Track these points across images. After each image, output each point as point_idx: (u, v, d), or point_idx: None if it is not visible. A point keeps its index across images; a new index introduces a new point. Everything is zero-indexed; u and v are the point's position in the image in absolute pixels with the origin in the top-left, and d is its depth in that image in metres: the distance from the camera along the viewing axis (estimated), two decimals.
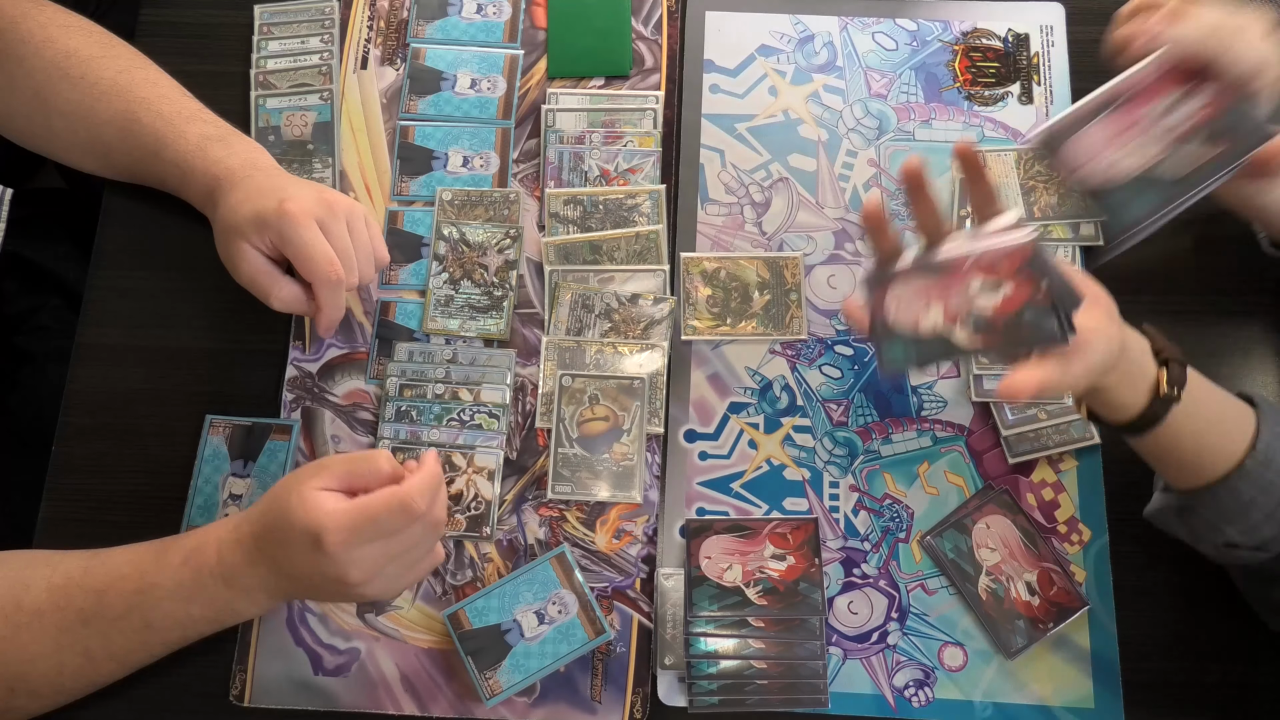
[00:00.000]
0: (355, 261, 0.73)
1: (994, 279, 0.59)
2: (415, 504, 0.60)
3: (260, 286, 0.73)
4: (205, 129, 0.76)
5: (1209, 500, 0.63)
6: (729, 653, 0.72)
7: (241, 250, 0.72)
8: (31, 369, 0.96)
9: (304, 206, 0.71)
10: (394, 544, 0.62)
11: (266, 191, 0.72)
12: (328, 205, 0.72)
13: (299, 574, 0.63)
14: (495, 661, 0.72)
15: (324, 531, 0.60)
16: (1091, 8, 0.90)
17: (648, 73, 0.88)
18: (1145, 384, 0.62)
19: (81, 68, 0.77)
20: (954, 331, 0.60)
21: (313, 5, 0.90)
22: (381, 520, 0.61)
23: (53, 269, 0.99)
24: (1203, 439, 0.63)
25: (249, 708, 0.72)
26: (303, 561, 0.62)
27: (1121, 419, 0.64)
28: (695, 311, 0.81)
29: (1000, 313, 0.59)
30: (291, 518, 0.61)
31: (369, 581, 0.63)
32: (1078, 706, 0.72)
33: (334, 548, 0.60)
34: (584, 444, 0.78)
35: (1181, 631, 0.74)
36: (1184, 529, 0.67)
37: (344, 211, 0.73)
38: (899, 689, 0.73)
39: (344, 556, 0.61)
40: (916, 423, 0.79)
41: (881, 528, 0.76)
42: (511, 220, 0.84)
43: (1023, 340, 0.59)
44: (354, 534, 0.60)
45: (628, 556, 0.76)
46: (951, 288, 0.61)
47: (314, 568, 0.62)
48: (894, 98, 0.88)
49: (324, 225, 0.71)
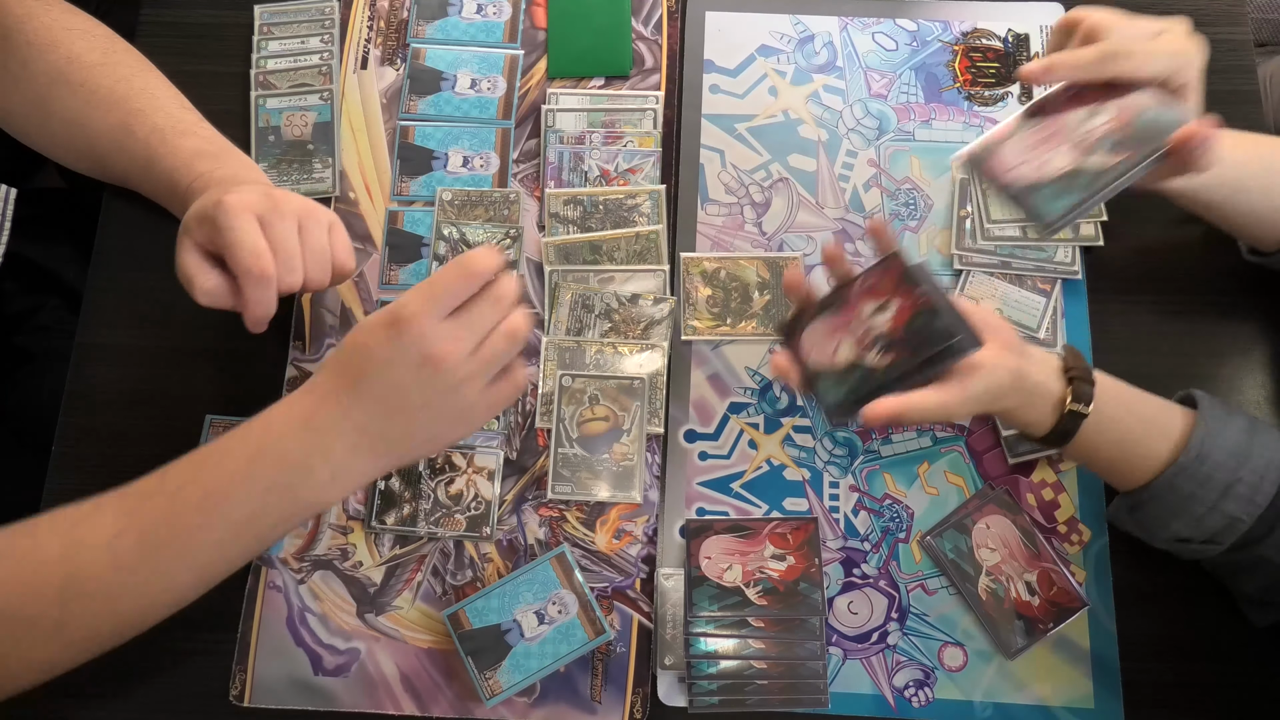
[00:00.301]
0: (300, 262, 0.68)
1: (880, 299, 0.64)
2: (474, 263, 0.62)
3: (186, 277, 0.68)
4: (199, 144, 0.75)
5: (1151, 497, 0.66)
6: (729, 653, 0.72)
7: (181, 245, 0.69)
8: (31, 369, 0.96)
9: (243, 200, 0.66)
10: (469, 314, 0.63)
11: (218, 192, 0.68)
12: (273, 202, 0.68)
13: (384, 382, 0.62)
14: (495, 662, 0.72)
15: (397, 309, 0.62)
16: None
17: (648, 73, 0.88)
18: (1049, 402, 0.66)
19: (82, 74, 0.76)
20: (866, 358, 0.64)
21: (313, 5, 0.90)
22: (448, 282, 0.62)
23: (53, 269, 0.99)
24: (1126, 444, 0.67)
25: (249, 708, 0.73)
26: (385, 357, 0.62)
27: (1035, 435, 0.68)
28: (695, 311, 0.81)
29: (896, 327, 0.63)
30: (363, 326, 0.63)
31: (458, 357, 0.62)
32: (1078, 706, 0.72)
33: (411, 318, 0.61)
34: (584, 444, 0.78)
35: (1181, 631, 0.74)
36: (1136, 526, 0.70)
37: (294, 211, 0.69)
38: (899, 689, 0.73)
39: (424, 328, 0.61)
40: None
41: (881, 528, 0.76)
42: (511, 220, 0.84)
43: (925, 345, 0.62)
44: (426, 299, 0.62)
45: (628, 556, 0.76)
46: (849, 319, 0.66)
47: (397, 358, 0.62)
48: (894, 98, 0.88)
49: (265, 221, 0.67)
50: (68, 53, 0.76)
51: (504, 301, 0.64)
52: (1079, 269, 0.81)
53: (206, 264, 0.69)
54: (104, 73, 0.77)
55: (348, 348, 0.64)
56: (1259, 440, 0.65)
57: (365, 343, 0.63)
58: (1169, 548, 0.69)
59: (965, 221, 0.83)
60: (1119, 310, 0.81)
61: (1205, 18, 0.89)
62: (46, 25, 0.77)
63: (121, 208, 0.85)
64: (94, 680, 0.73)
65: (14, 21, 0.76)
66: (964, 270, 0.81)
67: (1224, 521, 0.64)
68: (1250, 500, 0.63)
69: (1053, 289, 0.80)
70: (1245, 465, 0.64)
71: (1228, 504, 0.64)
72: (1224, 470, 0.64)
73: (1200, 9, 0.89)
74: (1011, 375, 0.65)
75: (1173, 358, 0.79)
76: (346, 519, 0.77)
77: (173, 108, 0.77)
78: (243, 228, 0.66)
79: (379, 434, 0.64)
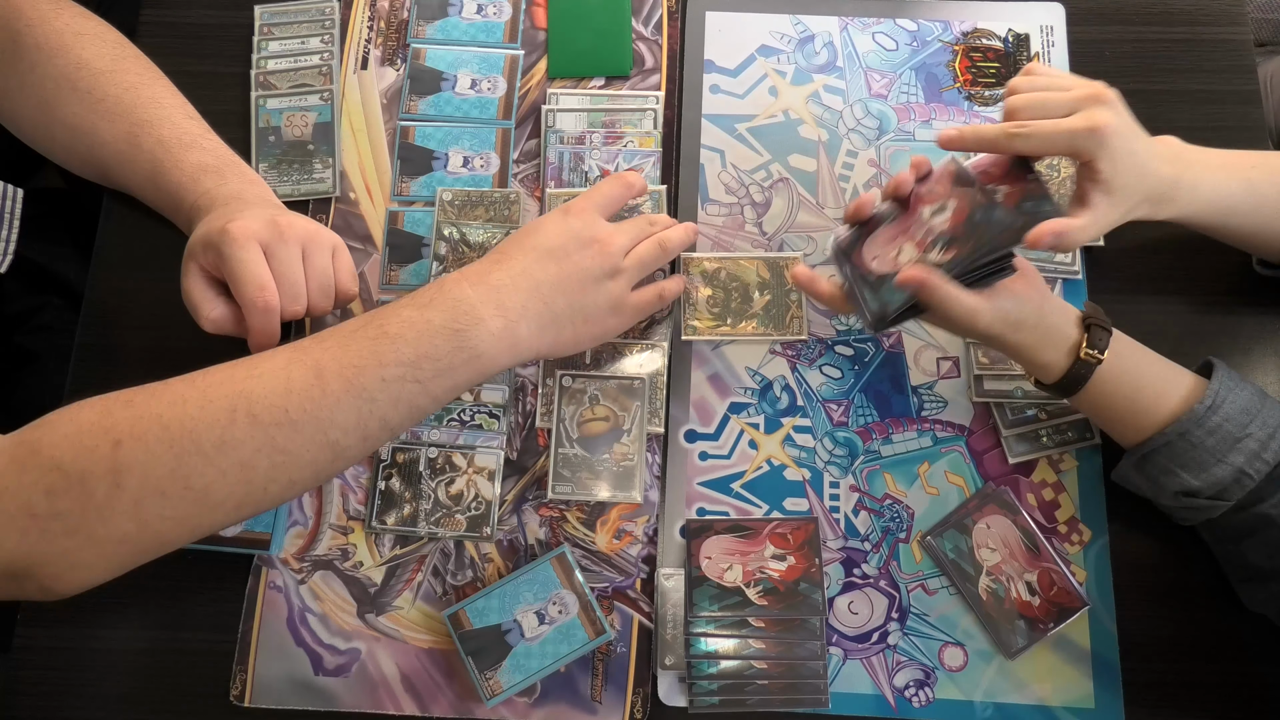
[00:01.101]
0: (303, 290, 0.70)
1: (938, 202, 0.69)
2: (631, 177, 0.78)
3: (192, 304, 0.70)
4: (203, 157, 0.75)
5: (1162, 446, 0.68)
6: (729, 653, 0.72)
7: (187, 270, 0.70)
8: (33, 368, 0.97)
9: (248, 228, 0.68)
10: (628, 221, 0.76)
11: (223, 215, 0.70)
12: (278, 230, 0.69)
13: (558, 252, 0.70)
14: (496, 662, 0.72)
15: (569, 205, 0.74)
16: (1091, 8, 0.90)
17: (648, 73, 0.89)
18: (1064, 346, 0.69)
19: (89, 81, 0.76)
20: (929, 257, 0.68)
21: (313, 5, 0.90)
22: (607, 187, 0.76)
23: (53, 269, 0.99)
24: (1139, 394, 0.69)
25: (249, 708, 0.73)
26: (559, 234, 0.71)
27: (1049, 379, 0.70)
28: (695, 311, 0.81)
29: (954, 224, 0.68)
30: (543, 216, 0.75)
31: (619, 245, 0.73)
32: (1078, 706, 0.72)
33: (582, 209, 0.73)
34: (584, 444, 0.78)
35: (1181, 631, 0.74)
36: (1144, 480, 0.71)
37: (299, 238, 0.70)
38: (899, 689, 0.73)
39: (593, 218, 0.73)
40: (917, 423, 0.79)
41: (882, 528, 0.76)
42: (512, 221, 0.84)
43: (985, 238, 0.66)
44: (591, 200, 0.75)
45: (628, 557, 0.76)
46: (910, 224, 0.70)
47: (569, 236, 0.71)
48: (894, 98, 0.88)
49: (269, 249, 0.69)
50: (76, 58, 0.76)
51: (657, 222, 0.77)
52: (1079, 269, 0.81)
53: (212, 291, 0.71)
54: (111, 80, 0.76)
55: (523, 229, 0.73)
56: (1270, 404, 0.67)
57: (541, 222, 0.72)
58: (1176, 506, 0.70)
59: None
60: (1119, 310, 0.80)
61: (1205, 18, 0.89)
62: (57, 30, 0.77)
63: (122, 208, 0.85)
64: (95, 680, 0.73)
65: (24, 25, 0.76)
66: None
67: (1232, 475, 0.66)
68: (1258, 456, 0.66)
69: (1053, 289, 0.80)
70: (1255, 421, 0.66)
71: (1236, 457, 0.66)
72: (1234, 424, 0.66)
73: (1200, 9, 0.89)
74: (1036, 309, 0.69)
75: (1173, 358, 0.79)
76: (347, 519, 0.77)
77: (179, 118, 0.77)
78: (248, 258, 0.68)
79: (548, 298, 0.70)
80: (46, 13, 0.77)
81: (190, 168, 0.74)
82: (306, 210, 0.85)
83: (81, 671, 0.72)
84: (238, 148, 0.84)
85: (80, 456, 0.57)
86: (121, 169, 0.76)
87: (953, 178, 0.70)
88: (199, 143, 0.76)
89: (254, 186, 0.75)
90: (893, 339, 0.81)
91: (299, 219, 0.72)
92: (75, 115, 0.76)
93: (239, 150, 0.85)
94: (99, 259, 0.84)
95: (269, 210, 0.72)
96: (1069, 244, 0.67)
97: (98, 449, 0.57)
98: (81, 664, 0.71)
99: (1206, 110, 0.85)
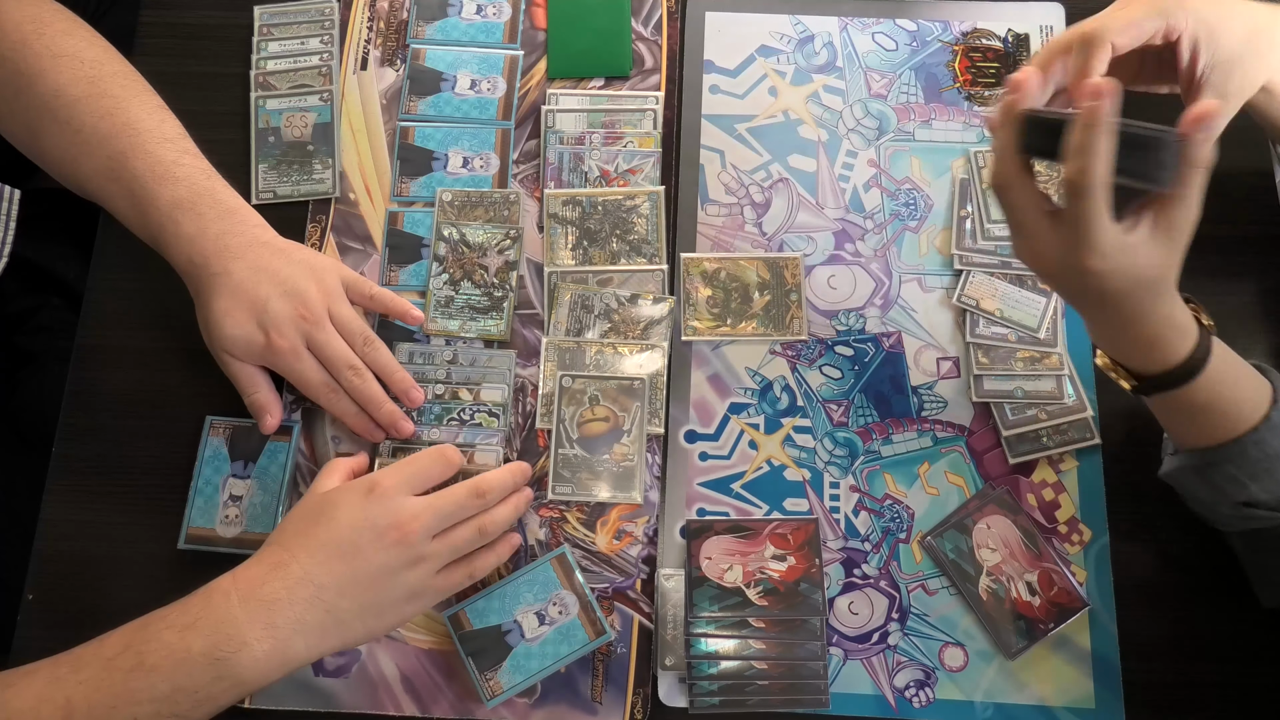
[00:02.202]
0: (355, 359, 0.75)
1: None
2: (451, 453, 0.70)
3: (242, 389, 0.76)
4: (176, 191, 0.73)
5: (1236, 454, 0.63)
6: (730, 653, 0.72)
7: (228, 362, 0.75)
8: (32, 369, 0.96)
9: (289, 338, 0.73)
10: (443, 498, 0.67)
11: (247, 311, 0.72)
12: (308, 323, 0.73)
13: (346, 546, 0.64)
14: (496, 662, 0.72)
15: (375, 479, 0.66)
16: (1091, 8, 0.89)
17: (648, 73, 0.88)
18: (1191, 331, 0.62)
19: (67, 111, 0.74)
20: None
21: (313, 6, 0.90)
22: (424, 463, 0.69)
23: (53, 269, 0.99)
24: (1234, 391, 0.64)
25: (249, 709, 0.72)
26: (354, 522, 0.64)
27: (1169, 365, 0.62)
28: (695, 312, 0.81)
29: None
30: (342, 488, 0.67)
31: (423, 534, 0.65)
32: (1078, 707, 0.72)
33: (388, 489, 0.66)
34: (584, 445, 0.78)
35: (1181, 631, 0.74)
36: (1205, 487, 0.67)
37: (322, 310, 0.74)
38: (900, 689, 0.73)
39: (398, 500, 0.66)
40: (917, 423, 0.79)
41: (882, 528, 0.76)
42: (511, 221, 0.84)
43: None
44: (404, 474, 0.67)
45: (628, 557, 0.76)
46: None
47: (365, 524, 0.64)
48: (894, 98, 0.88)
49: (311, 342, 0.74)
50: (54, 85, 0.74)
51: (486, 495, 0.69)
52: None
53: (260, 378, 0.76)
54: (88, 108, 0.74)
55: (316, 502, 0.67)
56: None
57: (335, 500, 0.66)
58: (1231, 514, 0.66)
59: (965, 221, 0.83)
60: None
61: None
62: (36, 54, 0.75)
63: None
64: None
65: (7, 49, 0.75)
66: (964, 270, 0.81)
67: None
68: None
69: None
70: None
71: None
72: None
73: None
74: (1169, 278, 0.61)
75: None
76: None
77: (153, 145, 0.74)
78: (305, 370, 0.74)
79: (331, 604, 0.63)
80: (28, 35, 0.75)
81: (165, 206, 0.73)
82: (306, 211, 0.84)
83: None
84: (237, 148, 0.84)
85: None
86: (105, 201, 0.76)
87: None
88: (172, 172, 0.73)
89: (233, 220, 0.74)
90: (893, 339, 0.81)
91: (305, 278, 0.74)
92: (57, 146, 0.75)
93: (239, 151, 0.85)
94: (99, 259, 0.84)
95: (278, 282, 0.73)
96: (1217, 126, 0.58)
97: None
98: None
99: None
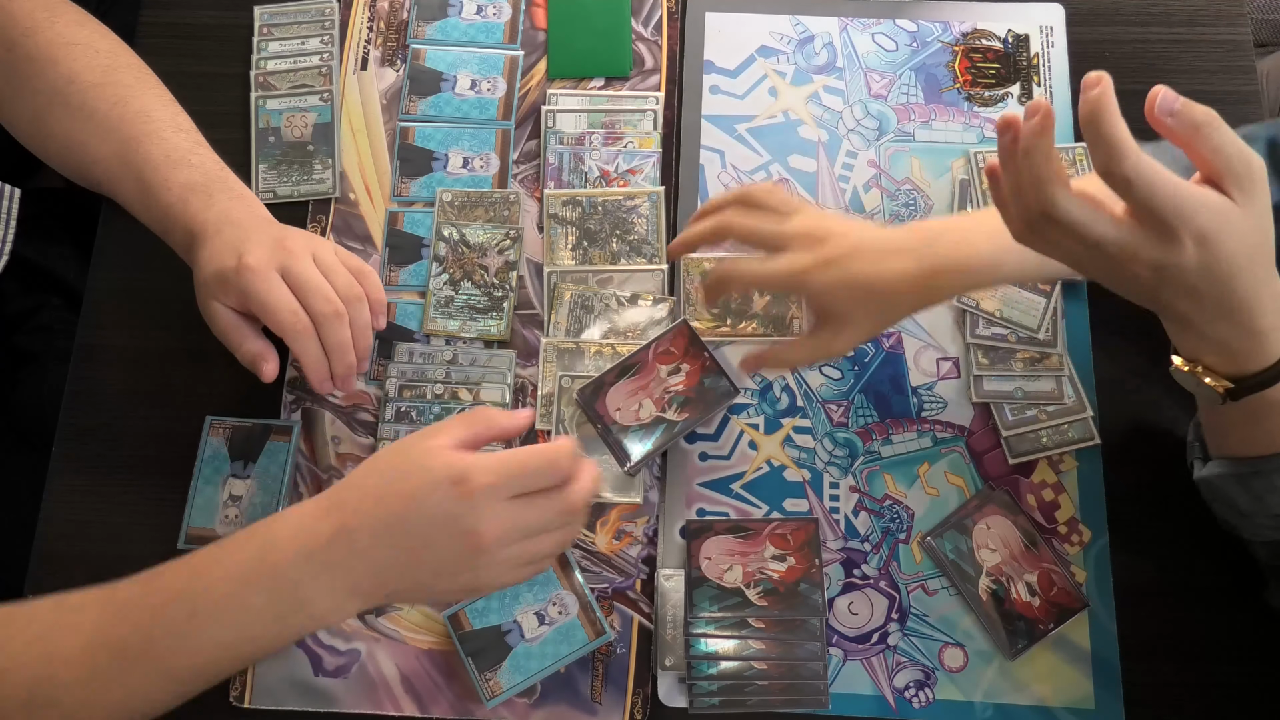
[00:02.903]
0: (331, 291, 0.70)
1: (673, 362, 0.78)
2: (563, 461, 0.60)
3: (230, 343, 0.72)
4: (191, 175, 0.74)
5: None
6: (729, 654, 0.72)
7: (212, 309, 0.71)
8: (32, 369, 0.96)
9: (261, 259, 0.69)
10: (532, 511, 0.60)
11: (229, 248, 0.70)
12: (286, 251, 0.70)
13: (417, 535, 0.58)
14: (496, 662, 0.72)
15: (470, 471, 0.57)
16: (1091, 8, 0.90)
17: (648, 73, 0.88)
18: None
19: (80, 96, 0.75)
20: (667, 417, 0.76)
21: (313, 6, 0.90)
22: (530, 470, 0.59)
23: (53, 269, 0.98)
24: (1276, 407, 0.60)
25: (249, 709, 0.72)
26: (432, 512, 0.57)
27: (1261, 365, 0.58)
28: (695, 312, 0.81)
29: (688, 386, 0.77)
30: (428, 462, 0.58)
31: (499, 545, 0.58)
32: (1078, 707, 0.72)
33: (479, 489, 0.57)
34: (585, 446, 0.77)
35: (1181, 631, 0.74)
36: (1247, 496, 0.64)
37: (304, 249, 0.71)
38: (899, 690, 0.73)
39: (486, 504, 0.58)
40: (916, 423, 0.79)
41: (882, 529, 0.76)
42: (511, 221, 0.84)
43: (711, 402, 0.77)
44: (501, 477, 0.58)
45: (628, 557, 0.76)
46: (649, 380, 0.77)
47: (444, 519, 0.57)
48: (894, 98, 0.88)
49: (287, 271, 0.70)
50: (67, 71, 0.75)
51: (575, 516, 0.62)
52: None
53: (246, 327, 0.72)
54: (101, 94, 0.75)
55: (402, 466, 0.60)
56: None
57: (421, 480, 0.58)
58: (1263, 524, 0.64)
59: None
60: (1119, 310, 0.80)
61: (1205, 18, 0.89)
62: (49, 40, 0.76)
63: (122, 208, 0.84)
64: None
65: (19, 34, 0.75)
66: None
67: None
68: None
69: (1053, 289, 0.80)
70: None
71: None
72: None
73: (1200, 9, 0.89)
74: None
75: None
76: None
77: (168, 133, 0.75)
78: (273, 289, 0.69)
79: (389, 584, 0.60)
80: (40, 21, 0.76)
81: (178, 189, 0.73)
82: (306, 211, 0.85)
83: None
84: (237, 148, 0.84)
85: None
86: (113, 186, 0.76)
87: (686, 339, 0.78)
88: (187, 159, 0.74)
89: (241, 202, 0.74)
90: (892, 339, 0.81)
91: (296, 231, 0.73)
92: (66, 132, 0.75)
93: (239, 151, 0.85)
94: (99, 259, 0.84)
95: (268, 231, 0.72)
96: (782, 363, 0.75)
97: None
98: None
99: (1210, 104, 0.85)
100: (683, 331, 0.78)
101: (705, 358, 0.77)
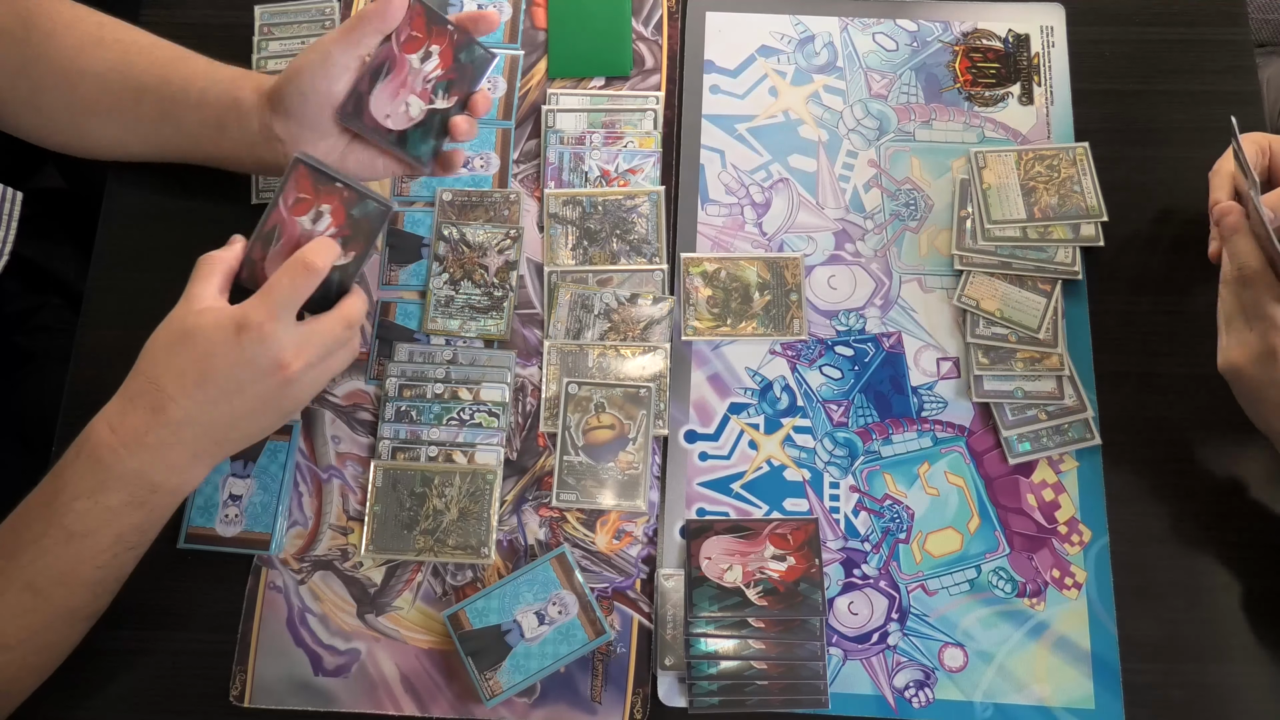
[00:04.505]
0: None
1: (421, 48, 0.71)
2: (312, 258, 0.63)
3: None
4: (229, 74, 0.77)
5: None
6: (729, 653, 0.72)
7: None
8: (32, 368, 0.97)
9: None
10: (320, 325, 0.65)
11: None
12: None
13: (228, 387, 0.62)
14: (495, 662, 0.72)
15: (246, 314, 0.62)
16: (1092, 8, 0.90)
17: (648, 73, 0.88)
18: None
19: (116, 33, 0.77)
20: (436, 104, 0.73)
21: (313, 6, 0.90)
22: (288, 283, 0.63)
23: (53, 269, 0.99)
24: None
25: (249, 708, 0.72)
26: (233, 361, 0.62)
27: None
28: (695, 312, 0.81)
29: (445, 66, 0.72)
30: (203, 323, 0.62)
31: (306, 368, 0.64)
32: (1078, 707, 0.72)
33: (263, 324, 0.62)
34: (590, 453, 0.77)
35: (1181, 631, 0.74)
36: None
37: None
38: (899, 690, 0.73)
39: (276, 335, 0.62)
40: (917, 423, 0.79)
41: (882, 528, 0.76)
42: (512, 221, 0.84)
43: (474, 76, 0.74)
44: (272, 303, 0.62)
45: (628, 557, 0.76)
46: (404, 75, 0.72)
47: (246, 363, 0.62)
48: (894, 98, 0.88)
49: None
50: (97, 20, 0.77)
51: (353, 328, 0.67)
52: (1079, 269, 0.81)
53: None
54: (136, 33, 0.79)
55: (186, 334, 0.63)
56: None
57: (208, 337, 0.62)
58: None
59: (965, 222, 0.83)
60: (1119, 310, 0.81)
61: (1205, 18, 0.89)
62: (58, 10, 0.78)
63: (121, 207, 0.85)
64: (95, 680, 0.73)
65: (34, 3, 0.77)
66: (964, 270, 0.81)
67: None
68: None
69: (1053, 289, 0.80)
70: None
71: None
72: None
73: (1200, 9, 0.89)
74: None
75: (1173, 358, 0.79)
76: (346, 520, 0.77)
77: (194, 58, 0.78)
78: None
79: (221, 439, 0.66)
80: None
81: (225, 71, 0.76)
82: None
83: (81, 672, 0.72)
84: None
85: None
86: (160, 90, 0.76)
87: (425, 17, 0.71)
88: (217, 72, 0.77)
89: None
90: (892, 339, 0.81)
91: None
92: (106, 61, 0.76)
93: None
94: (99, 259, 0.84)
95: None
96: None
97: None
98: (81, 664, 0.71)
99: (1206, 111, 0.85)
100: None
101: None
